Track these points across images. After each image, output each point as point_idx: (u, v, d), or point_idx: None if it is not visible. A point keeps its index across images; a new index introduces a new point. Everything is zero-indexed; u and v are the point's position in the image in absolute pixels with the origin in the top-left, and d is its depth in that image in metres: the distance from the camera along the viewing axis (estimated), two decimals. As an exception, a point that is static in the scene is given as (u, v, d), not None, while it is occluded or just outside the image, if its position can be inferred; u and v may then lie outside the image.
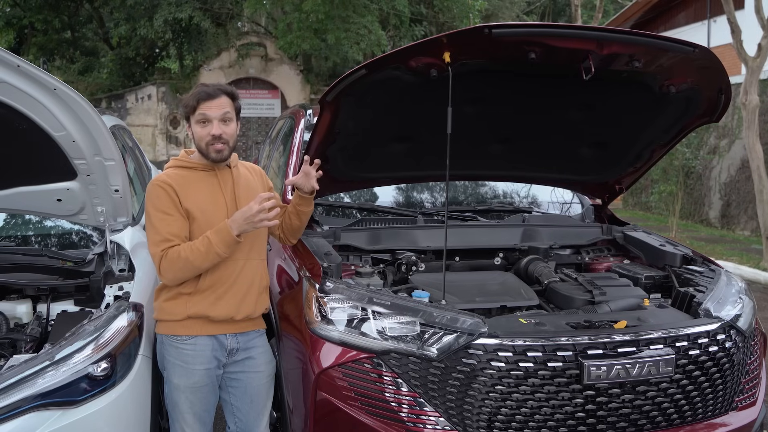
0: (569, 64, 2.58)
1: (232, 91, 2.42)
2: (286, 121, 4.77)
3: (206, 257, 2.26)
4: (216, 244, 2.25)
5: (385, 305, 2.36)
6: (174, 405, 2.40)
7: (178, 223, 2.31)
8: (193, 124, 2.37)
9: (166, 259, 2.27)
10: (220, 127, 2.34)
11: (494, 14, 20.74)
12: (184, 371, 2.36)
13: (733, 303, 2.66)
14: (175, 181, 2.36)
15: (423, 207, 3.81)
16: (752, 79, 8.02)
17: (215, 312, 2.35)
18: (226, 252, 2.28)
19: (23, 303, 2.81)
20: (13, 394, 2.06)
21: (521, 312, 2.68)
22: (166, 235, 2.29)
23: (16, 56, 2.22)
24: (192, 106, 2.35)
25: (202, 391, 2.39)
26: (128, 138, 4.84)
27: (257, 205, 2.24)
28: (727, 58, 11.97)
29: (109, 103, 18.79)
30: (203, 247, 2.26)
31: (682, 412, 2.39)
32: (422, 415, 2.23)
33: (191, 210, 2.33)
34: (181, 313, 2.34)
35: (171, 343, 2.38)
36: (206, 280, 2.34)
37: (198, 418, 2.41)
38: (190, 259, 2.25)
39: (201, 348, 2.36)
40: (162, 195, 2.33)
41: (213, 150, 2.36)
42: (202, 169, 2.42)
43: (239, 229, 2.26)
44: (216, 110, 2.34)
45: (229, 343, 2.41)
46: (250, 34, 20.17)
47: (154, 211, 2.32)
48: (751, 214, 10.39)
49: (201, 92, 2.35)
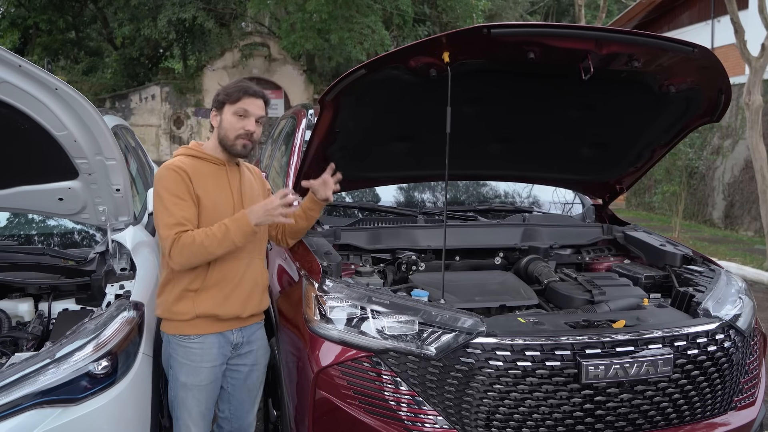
0: (568, 64, 2.58)
1: (268, 98, 2.53)
2: (288, 120, 4.79)
3: (221, 244, 2.28)
4: (233, 232, 2.28)
5: (384, 304, 2.37)
6: (180, 403, 2.42)
7: (191, 209, 2.34)
8: (228, 113, 2.41)
9: (178, 243, 2.27)
10: (254, 125, 2.41)
11: (497, 14, 20.74)
12: (192, 370, 2.38)
13: (733, 303, 2.66)
14: (189, 167, 2.39)
15: (423, 207, 3.82)
16: (755, 79, 8.00)
17: (223, 311, 2.38)
18: (241, 241, 2.31)
19: (25, 301, 2.82)
20: (14, 391, 2.07)
21: (520, 311, 2.69)
22: (180, 219, 2.29)
23: (18, 56, 2.23)
24: (236, 97, 2.40)
25: (209, 388, 2.42)
26: (131, 138, 4.86)
27: (278, 199, 2.30)
28: (730, 58, 12.01)
29: (113, 103, 18.85)
30: (220, 233, 2.28)
31: (680, 411, 2.39)
32: (421, 414, 2.23)
33: (202, 198, 2.37)
34: (190, 312, 2.36)
35: (179, 343, 2.39)
36: (213, 277, 2.36)
37: (203, 416, 2.44)
38: (205, 244, 2.26)
39: (209, 346, 2.39)
40: (177, 179, 2.34)
41: (240, 144, 2.42)
42: (213, 162, 2.46)
43: (257, 219, 2.30)
44: (256, 109, 2.42)
45: (235, 337, 2.46)
46: (254, 35, 20.21)
47: (167, 195, 2.32)
48: (754, 214, 10.37)
49: (249, 88, 2.43)
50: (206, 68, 19.18)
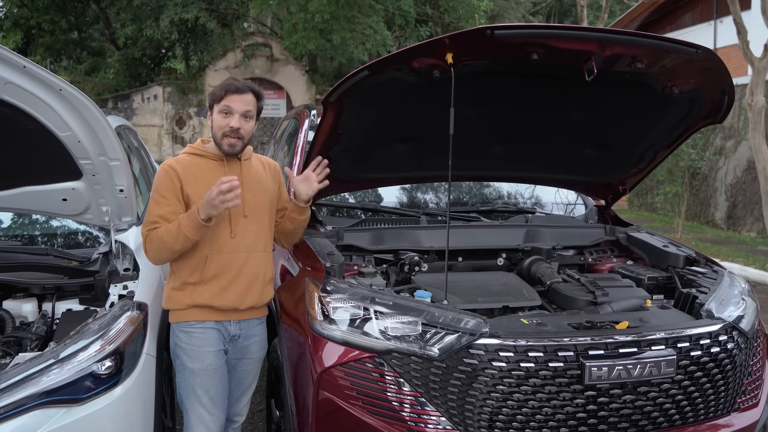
0: (572, 66, 2.58)
1: (259, 91, 2.51)
2: (290, 121, 4.79)
3: (176, 239, 2.34)
4: (185, 227, 2.33)
5: (387, 305, 2.37)
6: (190, 391, 2.44)
7: (170, 207, 2.40)
8: (215, 113, 2.44)
9: (148, 240, 2.39)
10: (240, 121, 2.42)
11: (500, 15, 20.72)
12: (197, 354, 2.43)
13: (736, 304, 2.66)
14: (183, 166, 2.45)
15: (426, 207, 3.82)
16: (758, 80, 8.00)
17: (220, 302, 2.43)
18: (195, 235, 2.34)
19: (29, 302, 2.83)
20: (18, 391, 2.08)
21: (523, 312, 2.69)
22: (155, 217, 2.40)
23: (22, 57, 2.24)
24: (219, 96, 2.43)
25: (217, 373, 2.46)
26: (134, 138, 4.86)
27: (216, 188, 2.28)
28: (733, 59, 11.99)
29: (116, 103, 18.86)
30: (174, 228, 2.34)
31: (683, 413, 2.38)
32: (424, 415, 2.24)
33: (192, 196, 2.41)
34: (186, 302, 2.43)
35: (181, 329, 2.45)
36: (210, 270, 2.42)
37: (214, 402, 2.45)
38: (164, 239, 2.35)
39: (210, 332, 2.45)
40: (164, 178, 2.43)
41: (227, 143, 2.44)
42: (212, 158, 2.49)
43: (204, 212, 2.31)
44: (240, 105, 2.41)
45: (233, 329, 2.50)
46: (256, 35, 20.20)
47: (153, 193, 2.43)
48: (757, 215, 10.35)
49: (230, 85, 2.44)
50: (208, 68, 19.17)
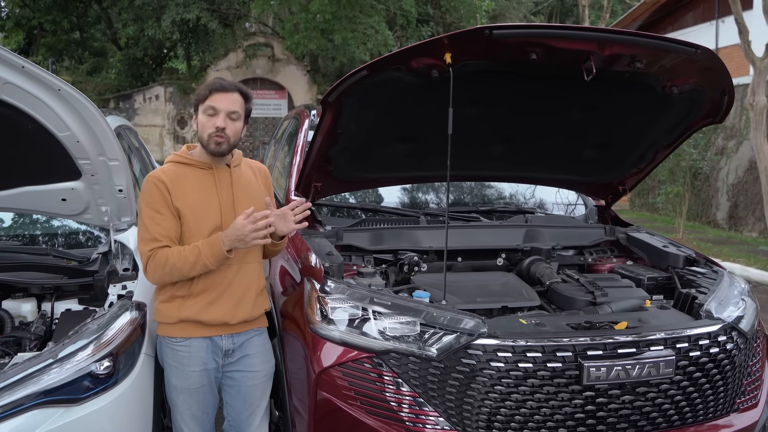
0: (571, 65, 2.58)
1: (247, 91, 2.41)
2: (290, 121, 4.80)
3: (194, 267, 2.25)
4: (206, 256, 2.24)
5: (385, 305, 2.37)
6: (173, 404, 2.42)
7: (168, 222, 2.30)
8: (200, 113, 2.34)
9: (153, 260, 2.27)
10: (225, 121, 2.31)
11: (501, 14, 20.71)
12: (181, 373, 2.36)
13: (735, 304, 2.65)
14: (170, 177, 2.34)
15: (425, 207, 3.82)
16: (760, 80, 7.99)
17: (207, 316, 2.34)
18: (214, 265, 2.27)
19: (28, 301, 2.83)
20: (17, 391, 2.07)
21: (522, 313, 2.69)
22: (155, 234, 2.28)
23: (21, 57, 2.24)
24: (203, 96, 2.34)
25: (199, 392, 2.38)
26: (134, 138, 4.87)
27: (250, 224, 2.21)
28: (734, 59, 11.98)
29: (117, 103, 18.88)
30: (192, 256, 2.24)
31: (682, 413, 2.38)
32: (422, 415, 2.24)
33: (181, 209, 2.31)
34: (174, 316, 2.34)
35: (167, 345, 2.38)
36: (199, 284, 2.33)
37: (195, 419, 2.40)
38: (178, 266, 2.25)
39: (195, 350, 2.36)
40: (154, 192, 2.31)
41: (213, 143, 2.32)
42: (199, 167, 2.39)
43: (231, 245, 2.24)
44: (225, 104, 2.32)
45: (225, 344, 2.40)
46: (257, 35, 20.21)
47: (145, 208, 2.32)
48: (758, 215, 10.33)
49: (215, 84, 2.35)
50: (210, 68, 19.17)
